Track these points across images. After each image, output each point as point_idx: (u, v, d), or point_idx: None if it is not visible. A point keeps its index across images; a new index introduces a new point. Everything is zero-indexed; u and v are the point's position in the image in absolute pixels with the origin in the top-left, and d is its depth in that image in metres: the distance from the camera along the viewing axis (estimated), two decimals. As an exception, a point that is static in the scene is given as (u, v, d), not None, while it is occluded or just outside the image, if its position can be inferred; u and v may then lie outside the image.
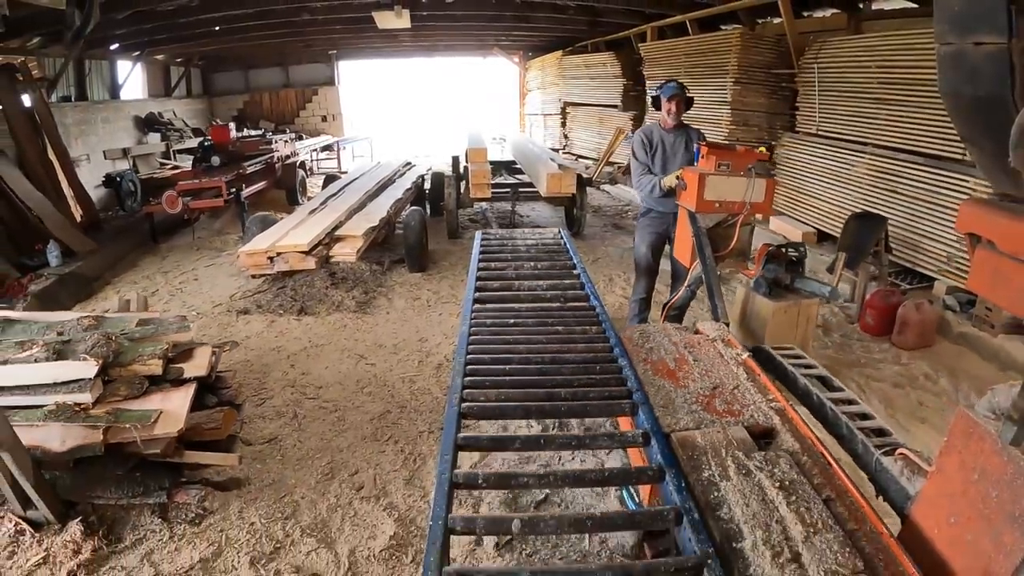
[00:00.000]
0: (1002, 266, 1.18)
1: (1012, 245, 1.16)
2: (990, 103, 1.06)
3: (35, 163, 7.31)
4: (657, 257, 3.68)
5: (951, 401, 3.64)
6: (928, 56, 4.79)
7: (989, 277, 1.24)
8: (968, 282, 1.47)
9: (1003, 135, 1.00)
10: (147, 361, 2.75)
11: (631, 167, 3.76)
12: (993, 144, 1.08)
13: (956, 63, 1.11)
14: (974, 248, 1.28)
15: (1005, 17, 0.98)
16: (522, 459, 2.64)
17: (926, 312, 4.20)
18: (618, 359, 1.97)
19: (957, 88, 1.15)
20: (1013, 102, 1.01)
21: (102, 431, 2.43)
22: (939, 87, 1.21)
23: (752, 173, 2.83)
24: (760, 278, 3.01)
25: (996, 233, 1.20)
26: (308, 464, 2.75)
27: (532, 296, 2.65)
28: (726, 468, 1.46)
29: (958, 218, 1.32)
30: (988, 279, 1.24)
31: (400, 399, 3.30)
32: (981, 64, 1.05)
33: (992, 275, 1.22)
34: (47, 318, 3.53)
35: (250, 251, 4.27)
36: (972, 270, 1.30)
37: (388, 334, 4.18)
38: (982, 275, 1.26)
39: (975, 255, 1.27)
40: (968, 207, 1.32)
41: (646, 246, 3.63)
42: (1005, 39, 0.99)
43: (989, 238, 1.23)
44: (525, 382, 1.82)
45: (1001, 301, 1.30)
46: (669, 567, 1.17)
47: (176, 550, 2.31)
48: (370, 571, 2.15)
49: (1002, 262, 1.18)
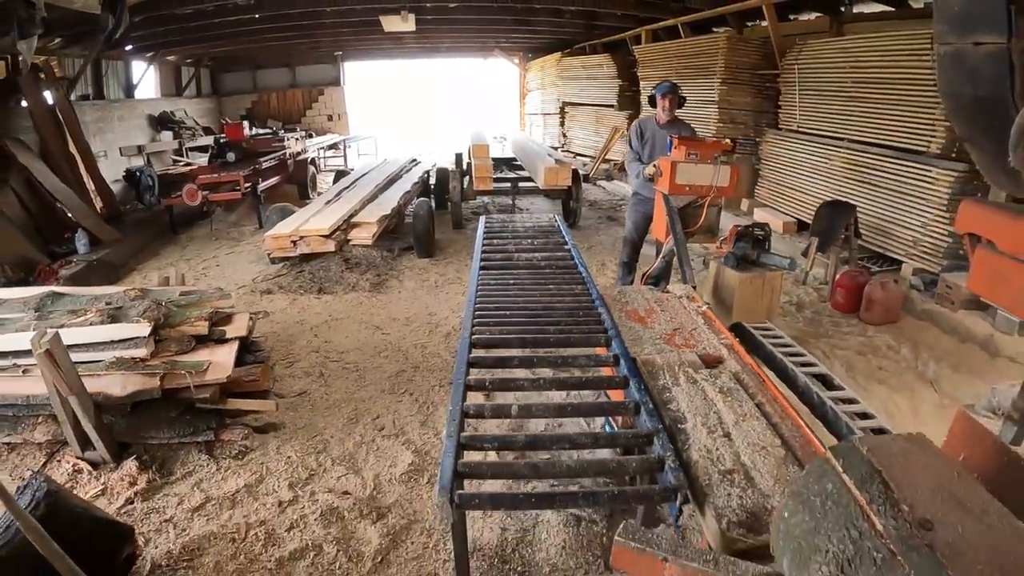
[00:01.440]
0: (1002, 266, 1.16)
1: (1012, 245, 1.13)
2: (990, 103, 1.05)
3: (59, 157, 7.71)
4: (641, 233, 4.13)
5: (910, 367, 4.04)
6: (896, 56, 5.19)
7: (989, 277, 1.21)
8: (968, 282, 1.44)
9: (1003, 135, 0.98)
10: (194, 323, 3.16)
11: (626, 155, 4.22)
12: (993, 144, 1.06)
13: (956, 63, 1.10)
14: (974, 248, 1.25)
15: (1005, 17, 0.97)
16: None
17: (891, 290, 4.61)
18: (598, 308, 2.38)
19: (957, 88, 1.14)
20: (1013, 102, 1.00)
21: (159, 377, 2.84)
22: (939, 87, 1.18)
23: (718, 161, 3.24)
24: (730, 254, 3.43)
25: (996, 233, 1.18)
26: (335, 412, 3.16)
27: (528, 264, 3.07)
28: (678, 378, 1.87)
29: (958, 218, 1.29)
30: (988, 279, 1.21)
31: (413, 361, 3.72)
32: (981, 64, 1.04)
33: (992, 275, 1.19)
34: (93, 291, 3.94)
35: (275, 235, 4.70)
36: (972, 270, 1.26)
37: (400, 310, 4.60)
38: (982, 275, 1.23)
39: (975, 255, 1.24)
40: (968, 207, 1.28)
41: (632, 224, 4.11)
42: (1005, 39, 0.98)
43: (989, 238, 1.21)
44: (522, 323, 2.24)
45: (1001, 301, 1.30)
46: (628, 435, 1.57)
47: (223, 479, 2.72)
48: (392, 490, 2.56)
49: (1002, 262, 1.15)
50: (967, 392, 3.72)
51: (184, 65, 13.88)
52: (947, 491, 0.87)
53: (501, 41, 14.30)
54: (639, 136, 4.15)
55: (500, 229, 3.81)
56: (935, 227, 4.85)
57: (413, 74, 22.78)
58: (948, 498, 0.86)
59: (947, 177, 4.75)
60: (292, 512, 2.46)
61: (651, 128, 4.17)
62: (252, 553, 2.28)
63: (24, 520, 1.67)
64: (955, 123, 1.28)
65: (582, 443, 1.60)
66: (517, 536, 2.22)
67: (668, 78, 8.15)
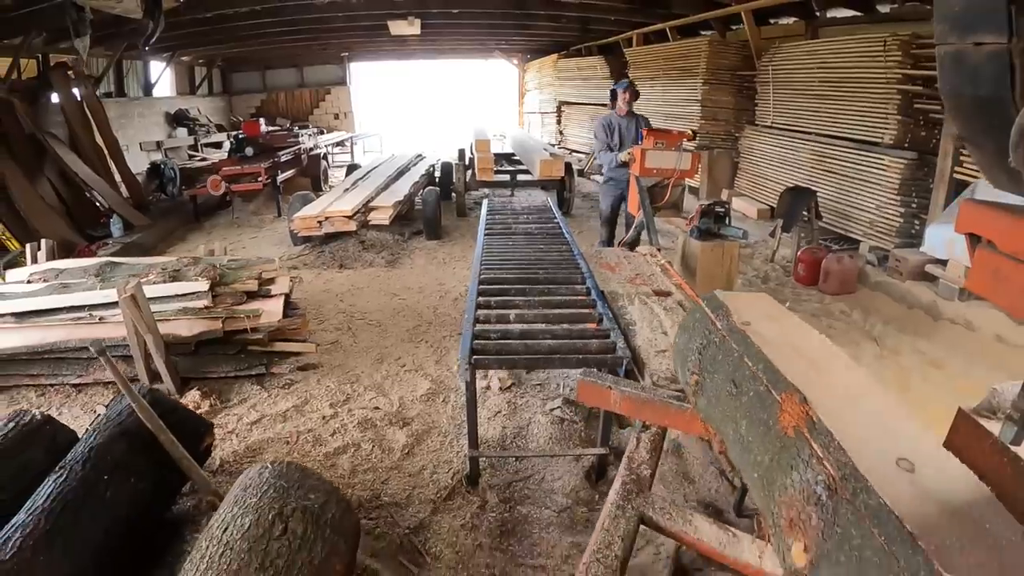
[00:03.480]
0: (1002, 266, 1.15)
1: (1012, 245, 1.13)
2: (990, 103, 1.05)
3: (88, 150, 8.32)
4: (616, 212, 4.81)
5: (858, 327, 4.66)
6: (856, 58, 5.81)
7: (989, 277, 1.20)
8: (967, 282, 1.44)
9: (1003, 135, 0.98)
10: (245, 281, 3.77)
11: (595, 145, 4.89)
12: (993, 144, 1.06)
13: (956, 63, 1.10)
14: (974, 248, 1.25)
15: (1005, 17, 0.97)
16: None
17: (846, 264, 5.22)
18: (577, 260, 3.02)
19: (957, 88, 1.14)
20: (1013, 102, 1.00)
21: (221, 320, 3.45)
22: (939, 87, 1.19)
23: (681, 147, 3.88)
24: (695, 228, 4.06)
25: (996, 233, 1.18)
26: (364, 355, 3.78)
27: (524, 231, 3.71)
28: (633, 302, 2.50)
29: (958, 218, 1.28)
30: (988, 279, 1.21)
31: (427, 319, 4.34)
32: (981, 64, 1.04)
33: (992, 275, 1.19)
34: (146, 261, 4.56)
35: (303, 216, 5.33)
36: (972, 270, 1.26)
37: (413, 281, 5.23)
38: (982, 275, 1.22)
39: (975, 255, 1.24)
40: (968, 207, 1.28)
41: (607, 205, 4.81)
42: (1005, 39, 0.98)
43: (989, 238, 1.21)
44: (518, 269, 2.87)
45: (1001, 301, 1.27)
46: (593, 331, 2.19)
47: (274, 402, 3.33)
48: (414, 407, 3.18)
49: (1002, 262, 1.15)
50: (907, 346, 4.34)
51: (197, 65, 14.52)
52: (765, 312, 1.49)
53: (501, 43, 14.94)
54: (607, 129, 4.83)
55: (501, 208, 4.45)
56: (888, 209, 5.47)
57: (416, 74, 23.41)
58: (764, 315, 1.48)
59: (898, 164, 5.38)
60: (334, 422, 3.07)
61: (615, 121, 4.90)
62: (303, 451, 2.89)
63: (138, 403, 2.28)
64: (955, 123, 1.27)
65: (561, 334, 2.22)
66: (514, 432, 2.84)
67: (656, 79, 8.83)
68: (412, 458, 2.76)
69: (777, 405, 1.09)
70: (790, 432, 1.03)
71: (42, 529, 1.83)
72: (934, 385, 3.83)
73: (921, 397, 3.61)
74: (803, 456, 0.98)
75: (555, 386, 3.20)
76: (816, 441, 0.97)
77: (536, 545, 2.21)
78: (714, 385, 1.36)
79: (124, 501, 2.08)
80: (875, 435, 0.98)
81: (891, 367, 4.05)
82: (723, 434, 1.31)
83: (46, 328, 3.75)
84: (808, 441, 0.98)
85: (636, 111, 5.05)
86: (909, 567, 0.75)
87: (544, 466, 2.57)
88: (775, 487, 1.04)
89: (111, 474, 2.09)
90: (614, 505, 1.47)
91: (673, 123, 8.03)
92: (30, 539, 1.80)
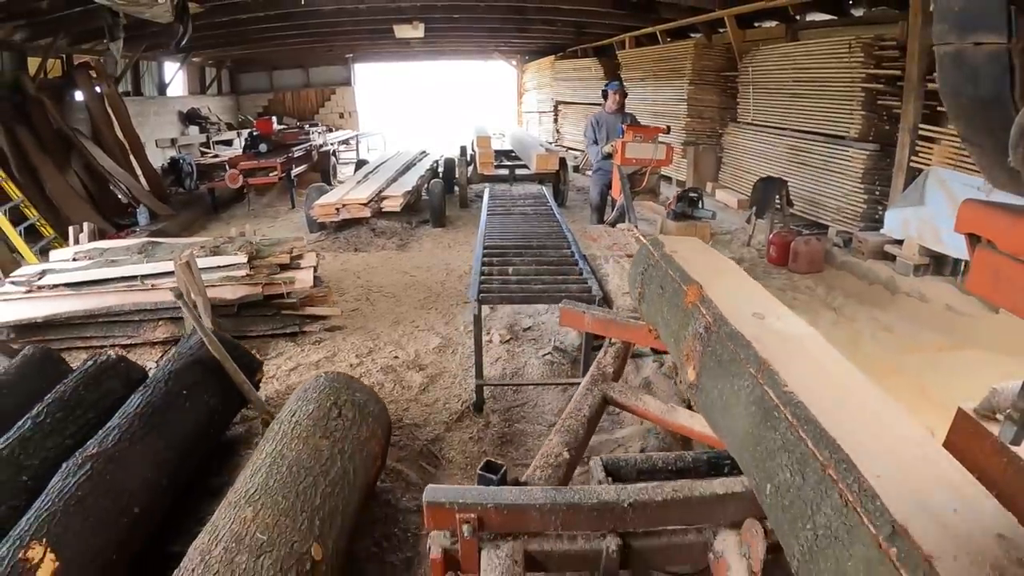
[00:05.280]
0: (1002, 266, 1.15)
1: (1012, 245, 1.13)
2: (990, 103, 1.05)
3: (111, 145, 8.85)
4: (603, 199, 5.38)
5: (821, 300, 5.21)
6: (825, 59, 6.36)
7: (989, 278, 1.20)
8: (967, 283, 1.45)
9: (1003, 135, 0.99)
10: (278, 255, 4.33)
11: (585, 140, 5.47)
12: (993, 144, 1.07)
13: (956, 63, 1.10)
14: (974, 248, 1.24)
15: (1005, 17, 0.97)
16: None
17: (813, 245, 5.78)
18: (565, 233, 3.58)
19: (957, 88, 1.14)
20: (1013, 102, 1.00)
21: (261, 285, 4.00)
22: (939, 87, 1.20)
23: (657, 140, 4.45)
24: (671, 210, 4.64)
25: (996, 233, 1.18)
26: (382, 319, 4.34)
27: (521, 212, 4.28)
28: (608, 261, 3.06)
29: (957, 218, 1.28)
30: (988, 280, 1.21)
31: (436, 291, 4.91)
32: (981, 64, 1.04)
33: (992, 276, 1.19)
34: (185, 240, 5.11)
35: (322, 204, 5.91)
36: (972, 271, 1.26)
37: (422, 261, 5.79)
38: (982, 276, 1.22)
39: (975, 256, 1.24)
40: (968, 207, 1.27)
41: (596, 193, 5.40)
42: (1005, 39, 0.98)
43: (989, 238, 1.21)
44: (515, 238, 3.43)
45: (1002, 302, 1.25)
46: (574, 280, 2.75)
47: (307, 355, 3.88)
48: (428, 357, 3.73)
49: (1002, 262, 1.15)
50: (864, 315, 4.87)
51: (207, 66, 15.07)
52: (690, 246, 2.05)
53: (500, 45, 15.52)
54: (596, 126, 5.42)
55: (501, 195, 5.02)
56: (853, 196, 6.03)
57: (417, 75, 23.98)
58: (688, 248, 2.03)
59: (861, 156, 5.94)
60: (360, 368, 3.62)
61: (604, 119, 5.50)
62: (336, 391, 3.44)
63: (208, 337, 2.82)
64: (955, 123, 1.26)
65: (548, 281, 2.77)
66: (512, 371, 3.41)
67: (647, 80, 9.37)
68: (427, 393, 3.31)
69: (683, 292, 1.64)
70: (690, 305, 1.58)
71: (136, 427, 2.32)
72: (882, 345, 4.39)
73: (869, 353, 4.17)
74: (695, 316, 1.53)
75: (547, 340, 3.76)
76: (703, 306, 1.52)
77: (530, 451, 2.75)
78: (650, 292, 1.91)
79: (198, 410, 2.61)
80: (742, 302, 1.54)
81: (846, 331, 4.60)
82: (655, 323, 1.86)
83: (100, 295, 4.29)
84: (699, 306, 1.53)
85: (628, 109, 5.60)
86: (748, 360, 1.29)
87: (537, 395, 3.13)
88: (681, 340, 1.58)
89: (188, 390, 2.63)
90: (583, 387, 2.02)
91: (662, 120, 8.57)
92: (127, 433, 2.29)
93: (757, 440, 1.12)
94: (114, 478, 2.09)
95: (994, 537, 0.79)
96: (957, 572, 0.71)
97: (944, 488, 0.87)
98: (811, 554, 0.92)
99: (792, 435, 1.02)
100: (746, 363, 1.24)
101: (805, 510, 0.95)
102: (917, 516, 0.79)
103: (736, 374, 1.27)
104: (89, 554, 1.88)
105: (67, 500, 1.94)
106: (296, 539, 1.64)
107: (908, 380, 3.76)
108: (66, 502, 1.93)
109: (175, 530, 2.30)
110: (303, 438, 2.03)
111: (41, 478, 2.11)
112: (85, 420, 2.48)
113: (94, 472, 2.05)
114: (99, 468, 2.07)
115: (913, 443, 0.97)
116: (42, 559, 1.76)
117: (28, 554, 1.75)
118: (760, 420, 1.12)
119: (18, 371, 2.94)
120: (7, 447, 2.23)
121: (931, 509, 0.81)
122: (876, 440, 0.96)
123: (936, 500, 0.83)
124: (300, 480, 1.82)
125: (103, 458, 2.12)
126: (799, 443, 1.00)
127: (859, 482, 0.86)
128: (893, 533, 0.78)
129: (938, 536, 0.76)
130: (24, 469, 2.20)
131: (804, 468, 0.97)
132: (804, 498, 0.95)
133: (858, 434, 0.96)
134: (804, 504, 0.95)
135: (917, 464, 0.91)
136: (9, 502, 2.06)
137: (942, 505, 0.82)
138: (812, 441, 0.97)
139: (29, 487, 2.11)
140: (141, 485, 2.16)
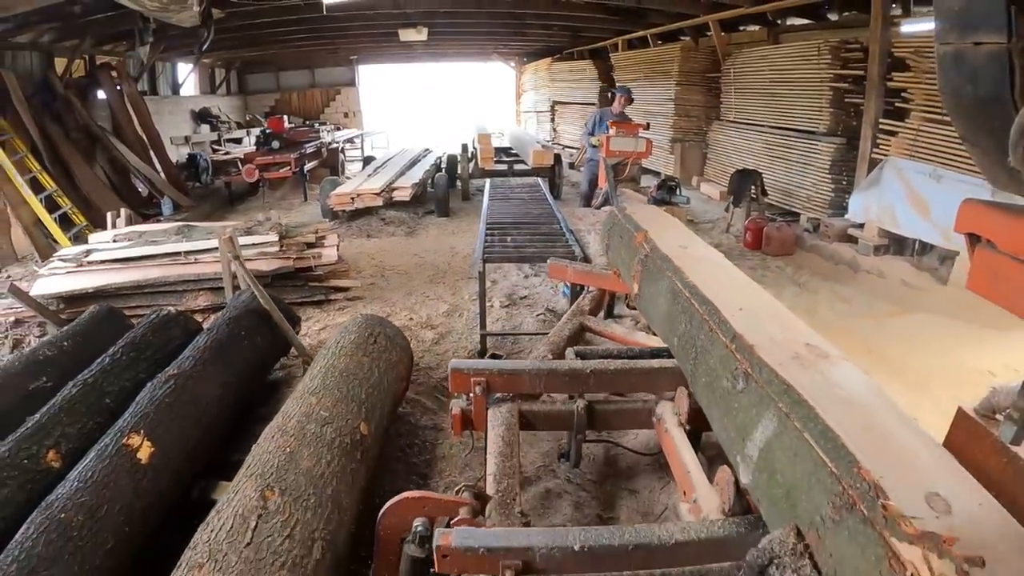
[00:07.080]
0: (1002, 266, 1.16)
1: (1012, 245, 1.14)
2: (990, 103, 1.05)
3: (132, 141, 9.41)
4: (593, 186, 5.97)
5: (787, 278, 5.79)
6: (797, 60, 6.95)
7: (989, 277, 1.20)
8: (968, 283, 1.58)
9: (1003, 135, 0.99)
10: (305, 234, 4.91)
11: (584, 129, 6.08)
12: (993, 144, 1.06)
13: (956, 63, 1.09)
14: (974, 248, 1.23)
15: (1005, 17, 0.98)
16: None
17: (784, 230, 6.37)
18: (556, 214, 4.17)
19: (957, 88, 1.13)
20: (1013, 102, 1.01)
21: (293, 259, 4.59)
22: (939, 87, 1.17)
23: (638, 135, 5.05)
24: (652, 197, 5.24)
25: (996, 233, 1.18)
26: (396, 291, 4.94)
27: (518, 198, 4.86)
28: (590, 233, 3.65)
29: (957, 219, 1.27)
30: (988, 279, 1.21)
31: (443, 269, 5.51)
32: (981, 64, 1.04)
33: (992, 275, 1.19)
34: (219, 224, 5.69)
35: (338, 194, 6.53)
36: (972, 270, 1.26)
37: (429, 245, 6.40)
38: (982, 275, 1.22)
39: (975, 255, 1.23)
40: (968, 207, 1.26)
41: (586, 181, 6.01)
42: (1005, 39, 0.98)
43: (989, 238, 1.20)
44: (513, 216, 4.02)
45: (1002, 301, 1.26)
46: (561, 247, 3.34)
47: (333, 318, 4.47)
48: (438, 319, 4.32)
49: (1002, 262, 1.16)
50: (826, 289, 5.44)
51: (217, 67, 15.66)
52: (652, 213, 2.64)
53: (499, 48, 16.14)
54: (598, 121, 6.00)
55: (500, 185, 5.62)
56: (822, 185, 6.62)
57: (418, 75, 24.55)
58: (655, 216, 2.62)
59: (829, 148, 6.53)
60: (380, 328, 4.21)
61: (607, 117, 6.02)
62: (360, 347, 4.02)
63: (259, 291, 3.40)
64: (955, 122, 1.25)
65: (540, 246, 3.37)
66: (511, 327, 3.99)
67: (638, 81, 9.97)
68: (438, 345, 3.90)
69: (634, 235, 2.24)
70: (637, 244, 2.18)
71: (207, 356, 2.85)
72: (837, 313, 4.98)
73: (824, 319, 4.75)
74: (641, 250, 2.13)
75: (541, 305, 4.35)
76: (647, 243, 2.12)
77: (525, 386, 3.34)
78: (614, 243, 2.51)
79: (253, 348, 3.18)
80: (673, 240, 2.13)
81: (806, 301, 5.19)
82: (617, 264, 2.46)
83: (146, 268, 4.86)
84: (643, 244, 2.13)
85: (628, 113, 6.19)
86: (668, 268, 1.88)
87: (531, 345, 3.69)
88: (631, 268, 2.17)
89: (245, 331, 3.20)
90: (566, 317, 2.61)
91: (652, 119, 9.17)
92: (200, 361, 2.81)
93: (670, 313, 1.71)
94: (192, 392, 2.60)
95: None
96: (748, 320, 1.29)
97: (751, 298, 1.46)
98: (695, 364, 1.51)
99: (686, 303, 1.61)
100: (666, 270, 1.84)
101: (693, 343, 1.54)
102: (743, 319, 1.39)
103: (660, 278, 1.86)
104: (176, 445, 2.37)
105: (157, 405, 2.44)
106: (349, 417, 2.22)
107: (856, 340, 4.33)
108: (157, 406, 2.42)
109: (233, 444, 2.84)
110: (349, 355, 2.62)
111: (120, 403, 2.56)
112: (153, 360, 2.99)
113: (176, 386, 2.56)
114: (180, 383, 2.59)
115: (753, 289, 1.57)
116: (140, 444, 2.27)
117: (129, 440, 2.25)
118: (672, 300, 1.71)
119: (88, 324, 3.47)
120: (92, 376, 2.71)
121: (751, 313, 1.41)
122: (738, 298, 1.56)
123: (749, 309, 1.43)
124: (349, 381, 2.40)
125: (183, 376, 2.66)
126: (690, 306, 1.59)
127: (717, 315, 1.45)
128: (735, 336, 1.37)
129: (751, 326, 1.36)
130: (106, 394, 2.67)
131: (691, 319, 1.56)
132: (691, 335, 1.54)
133: (723, 297, 1.55)
134: (691, 339, 1.54)
135: (752, 295, 1.51)
136: (96, 419, 2.53)
137: (756, 314, 1.42)
138: (696, 302, 1.56)
139: (111, 408, 2.57)
140: (212, 399, 2.71)
